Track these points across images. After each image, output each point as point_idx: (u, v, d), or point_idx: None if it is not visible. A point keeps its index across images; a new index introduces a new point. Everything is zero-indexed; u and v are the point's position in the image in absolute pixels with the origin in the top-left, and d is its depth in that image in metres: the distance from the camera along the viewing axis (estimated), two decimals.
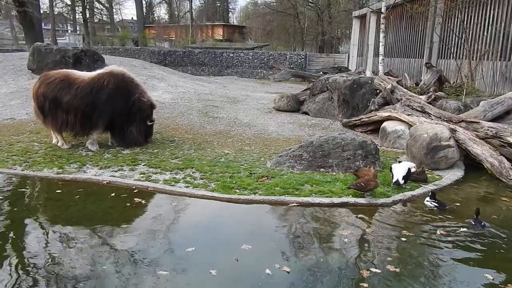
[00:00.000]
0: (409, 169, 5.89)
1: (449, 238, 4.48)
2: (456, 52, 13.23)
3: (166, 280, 3.55)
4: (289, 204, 5.19)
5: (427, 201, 5.33)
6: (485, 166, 6.71)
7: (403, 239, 4.42)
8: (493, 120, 7.64)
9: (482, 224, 4.75)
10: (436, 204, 5.23)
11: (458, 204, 5.49)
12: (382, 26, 13.90)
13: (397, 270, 3.77)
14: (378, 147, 7.22)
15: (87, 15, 39.04)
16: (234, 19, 63.05)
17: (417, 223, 4.85)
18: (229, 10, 63.05)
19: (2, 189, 5.59)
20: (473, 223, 4.77)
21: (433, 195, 5.34)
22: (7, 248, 4.05)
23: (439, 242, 4.39)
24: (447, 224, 4.83)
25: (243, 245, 4.12)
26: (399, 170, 5.86)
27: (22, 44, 31.35)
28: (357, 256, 4.08)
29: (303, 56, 25.91)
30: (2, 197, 5.31)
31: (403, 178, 5.80)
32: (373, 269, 3.76)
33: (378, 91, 9.96)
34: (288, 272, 3.68)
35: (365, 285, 3.53)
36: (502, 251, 4.27)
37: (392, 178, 5.90)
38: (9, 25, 42.33)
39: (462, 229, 4.69)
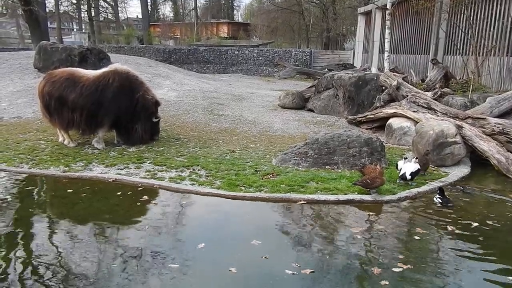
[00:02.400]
0: (418, 168, 5.88)
1: (461, 235, 4.45)
2: (462, 48, 13.12)
3: (182, 277, 3.58)
4: (294, 201, 5.19)
5: (435, 197, 5.35)
6: (492, 163, 6.66)
7: (416, 237, 4.39)
8: (500, 116, 7.58)
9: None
10: (440, 201, 5.23)
11: (468, 200, 5.49)
12: (388, 23, 13.80)
13: (411, 267, 3.75)
14: (384, 144, 7.19)
15: (93, 14, 39.14)
16: (238, 17, 63.10)
17: (426, 220, 4.83)
18: (234, 7, 63.11)
19: (10, 187, 5.63)
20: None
21: (441, 191, 5.32)
22: (15, 245, 4.09)
23: (451, 239, 4.37)
24: (456, 220, 4.82)
25: (253, 240, 4.16)
26: (408, 166, 5.86)
27: (28, 43, 31.51)
28: (373, 253, 4.05)
29: (308, 53, 25.83)
30: (10, 195, 5.36)
31: (411, 174, 5.79)
32: (392, 268, 3.74)
33: (383, 87, 9.91)
34: (311, 272, 3.66)
35: (386, 282, 3.51)
36: None
37: (399, 174, 5.91)
38: (15, 24, 42.57)
39: (475, 224, 4.68)
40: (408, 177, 5.77)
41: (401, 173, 5.85)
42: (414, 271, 3.70)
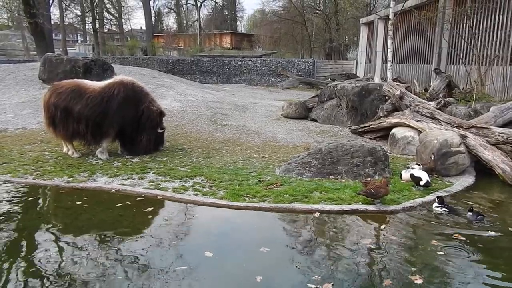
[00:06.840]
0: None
1: (472, 244, 4.41)
2: (465, 57, 13.16)
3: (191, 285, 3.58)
4: (298, 211, 5.18)
5: (436, 207, 5.31)
6: (497, 172, 6.63)
7: (427, 247, 4.35)
8: (504, 125, 7.57)
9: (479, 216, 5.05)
10: (446, 210, 5.20)
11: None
12: (390, 33, 13.87)
13: (426, 278, 3.71)
14: (388, 153, 7.18)
15: (97, 25, 39.55)
16: (242, 28, 63.37)
17: (433, 230, 4.79)
18: (237, 18, 63.32)
19: (14, 198, 5.64)
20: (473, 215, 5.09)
21: (441, 200, 5.31)
22: (19, 256, 4.08)
23: (461, 248, 4.33)
24: (463, 230, 4.78)
25: (262, 248, 4.17)
26: (423, 173, 5.97)
27: (33, 55, 31.83)
28: (389, 265, 4.01)
29: (311, 63, 25.94)
30: (14, 206, 5.37)
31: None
32: (407, 280, 3.70)
33: (387, 97, 9.92)
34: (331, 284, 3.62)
35: None
36: None
37: (419, 181, 5.95)
38: (20, 36, 43.01)
39: (491, 232, 4.66)
40: (430, 182, 5.94)
41: (424, 182, 5.90)
42: (429, 283, 3.66)
